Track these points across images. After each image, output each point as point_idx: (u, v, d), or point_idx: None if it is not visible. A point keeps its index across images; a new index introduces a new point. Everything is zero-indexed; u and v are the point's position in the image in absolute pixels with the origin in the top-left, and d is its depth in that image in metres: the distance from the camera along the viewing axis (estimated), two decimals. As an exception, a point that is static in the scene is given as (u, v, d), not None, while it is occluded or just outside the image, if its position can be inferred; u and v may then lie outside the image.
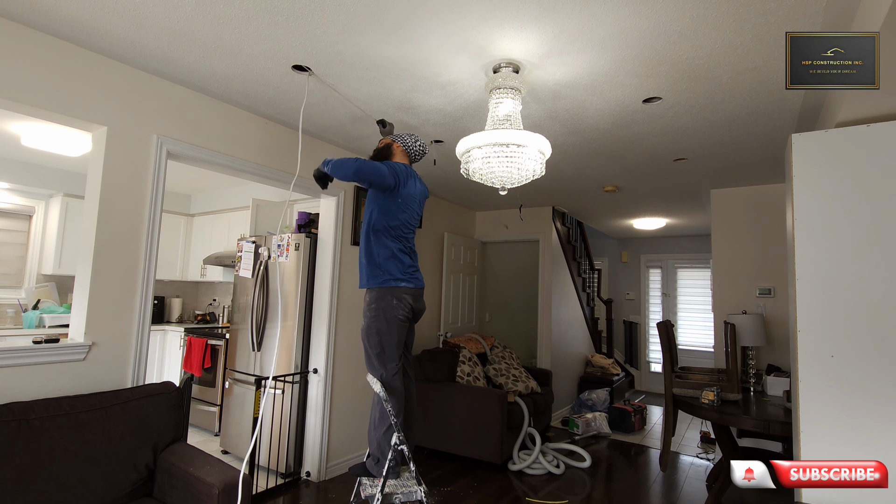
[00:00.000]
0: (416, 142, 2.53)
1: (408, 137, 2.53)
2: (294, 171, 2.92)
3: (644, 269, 7.84)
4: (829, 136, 1.79)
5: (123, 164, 2.39)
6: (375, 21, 1.95)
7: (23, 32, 2.07)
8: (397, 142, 2.52)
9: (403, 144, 2.51)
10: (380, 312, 2.27)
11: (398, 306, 2.28)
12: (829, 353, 1.71)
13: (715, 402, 2.89)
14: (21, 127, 3.41)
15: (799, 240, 1.79)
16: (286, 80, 2.51)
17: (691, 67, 2.22)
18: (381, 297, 2.29)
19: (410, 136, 2.54)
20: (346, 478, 3.46)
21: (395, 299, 2.28)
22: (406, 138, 2.53)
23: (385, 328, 2.26)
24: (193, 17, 1.98)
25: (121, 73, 2.39)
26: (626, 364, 7.49)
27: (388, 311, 2.27)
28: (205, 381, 4.48)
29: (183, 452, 2.18)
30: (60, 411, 1.96)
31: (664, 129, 3.02)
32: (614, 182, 4.42)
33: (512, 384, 4.29)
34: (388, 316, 2.27)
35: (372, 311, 2.30)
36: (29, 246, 4.66)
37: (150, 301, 2.48)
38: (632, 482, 3.79)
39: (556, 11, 1.83)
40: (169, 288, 5.56)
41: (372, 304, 2.31)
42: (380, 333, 2.27)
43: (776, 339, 3.92)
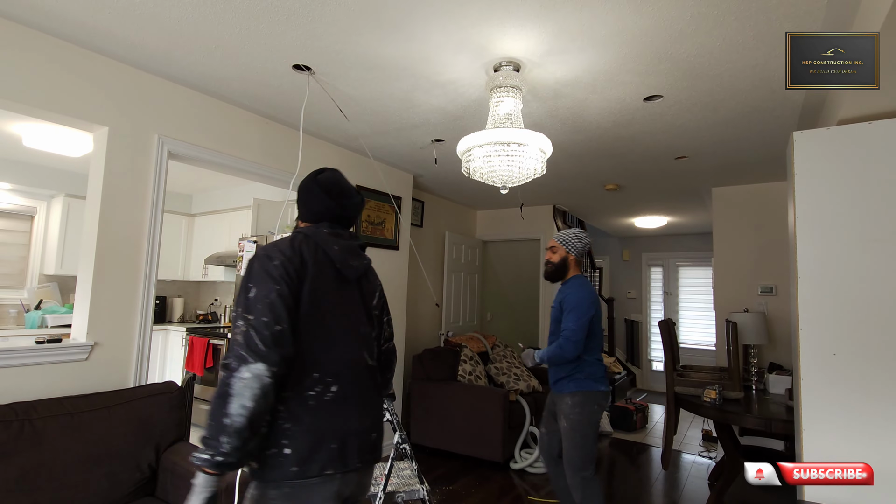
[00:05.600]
0: (581, 241, 2.60)
1: (576, 241, 2.58)
2: (294, 170, 2.92)
3: (645, 268, 7.83)
4: (830, 134, 1.79)
5: (125, 165, 2.40)
6: (376, 20, 1.95)
7: (24, 33, 2.07)
8: (572, 254, 2.58)
9: (576, 254, 2.59)
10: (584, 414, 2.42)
11: (598, 411, 2.46)
12: (831, 351, 1.71)
13: (717, 400, 2.88)
14: (23, 127, 3.42)
15: (801, 237, 1.78)
16: (287, 79, 2.51)
17: (692, 65, 2.22)
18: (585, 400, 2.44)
19: (578, 240, 2.59)
20: (348, 477, 3.46)
21: (596, 405, 2.46)
22: (575, 244, 2.58)
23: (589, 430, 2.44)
24: (194, 17, 1.98)
25: (122, 73, 2.39)
26: (627, 363, 7.49)
27: (592, 415, 2.43)
28: (207, 380, 4.49)
29: (186, 452, 2.18)
30: (63, 411, 1.96)
31: (665, 128, 3.01)
32: (615, 180, 4.41)
33: (513, 383, 4.29)
34: (592, 419, 2.44)
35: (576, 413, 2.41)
36: (31, 246, 4.67)
37: (152, 301, 2.49)
38: (634, 481, 3.79)
39: (556, 10, 1.83)
40: (171, 288, 5.57)
41: (576, 408, 2.42)
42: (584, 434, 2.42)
43: (778, 337, 3.91)
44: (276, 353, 1.16)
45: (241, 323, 1.18)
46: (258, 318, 1.17)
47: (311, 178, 1.48)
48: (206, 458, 1.11)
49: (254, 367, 1.13)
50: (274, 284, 1.22)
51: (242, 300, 1.21)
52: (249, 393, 1.11)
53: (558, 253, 2.59)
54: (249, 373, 1.12)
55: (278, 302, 1.20)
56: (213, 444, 1.11)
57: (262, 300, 1.19)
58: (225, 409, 1.11)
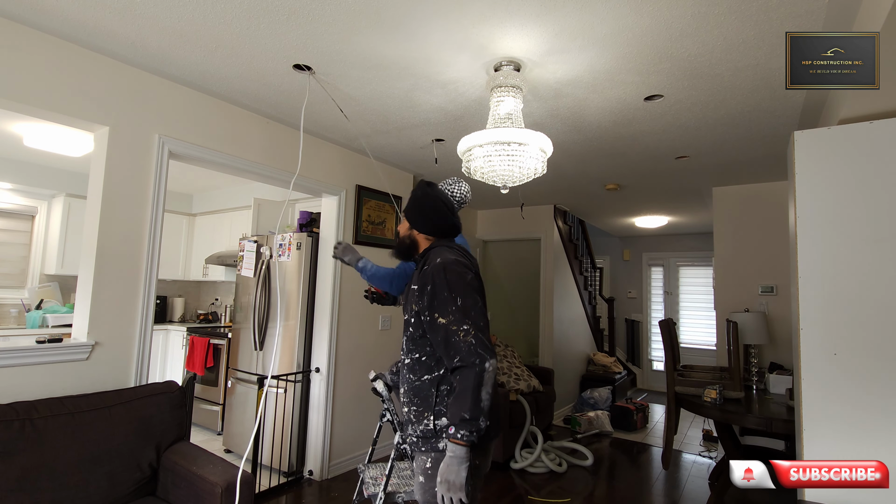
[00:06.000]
0: (456, 198, 2.25)
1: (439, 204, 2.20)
2: (295, 169, 2.92)
3: (646, 268, 7.83)
4: (831, 133, 1.79)
5: (125, 164, 2.40)
6: (376, 20, 1.95)
7: (24, 32, 2.08)
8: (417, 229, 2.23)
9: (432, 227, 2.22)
10: None
11: None
12: (831, 350, 1.70)
13: (717, 400, 2.88)
14: (23, 127, 3.42)
15: (801, 237, 1.78)
16: (287, 79, 2.51)
17: (693, 65, 2.22)
18: None
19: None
20: (349, 476, 3.47)
21: None
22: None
23: None
24: (194, 17, 1.98)
25: (122, 72, 2.39)
26: (628, 362, 7.49)
27: None
28: (207, 380, 4.49)
29: (186, 451, 2.18)
30: (64, 411, 1.96)
31: (666, 127, 3.01)
32: (616, 180, 4.41)
33: (514, 382, 4.29)
34: None
35: None
36: (32, 246, 4.68)
37: (153, 300, 2.49)
38: (634, 480, 3.79)
39: (557, 9, 1.83)
40: (171, 287, 5.57)
41: None
42: None
43: (779, 336, 3.91)
44: (493, 349, 1.49)
45: (467, 328, 1.46)
46: (476, 323, 1.48)
47: (430, 193, 1.72)
48: (470, 435, 1.40)
49: (490, 362, 1.45)
50: (476, 294, 1.55)
51: (453, 308, 1.49)
52: (491, 382, 1.45)
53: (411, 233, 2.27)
54: (490, 366, 1.44)
55: (483, 308, 1.57)
56: (475, 424, 1.40)
57: (473, 307, 1.51)
58: (479, 395, 1.41)
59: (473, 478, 1.48)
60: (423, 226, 1.71)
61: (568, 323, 5.74)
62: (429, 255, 1.66)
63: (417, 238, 1.73)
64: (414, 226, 1.72)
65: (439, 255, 1.60)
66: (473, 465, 1.46)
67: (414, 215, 1.72)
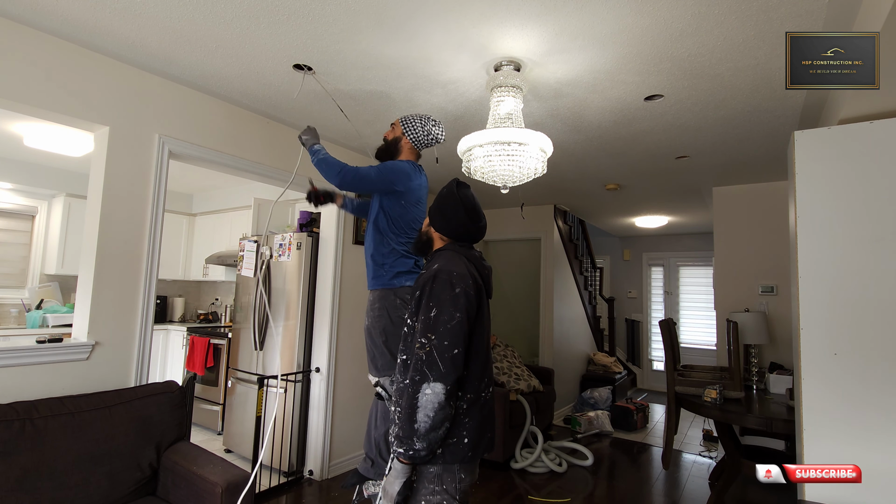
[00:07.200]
0: (428, 134, 2.23)
1: (419, 128, 2.22)
2: (295, 169, 2.91)
3: (646, 268, 7.83)
4: (831, 133, 1.79)
5: (126, 164, 2.40)
6: (376, 20, 1.95)
7: (24, 32, 2.08)
8: (406, 136, 2.23)
9: (413, 140, 2.23)
10: (384, 311, 2.19)
11: (402, 306, 2.19)
12: (832, 350, 1.71)
13: (717, 400, 2.88)
14: (23, 127, 3.42)
15: (801, 237, 1.78)
16: (287, 79, 2.51)
17: (693, 65, 2.22)
18: (384, 296, 2.24)
19: (422, 125, 2.22)
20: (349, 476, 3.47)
21: (398, 299, 2.19)
22: (417, 129, 2.22)
23: (391, 328, 2.17)
24: (194, 17, 1.98)
25: (122, 72, 2.39)
26: (628, 362, 7.49)
27: (392, 311, 2.18)
28: (207, 380, 4.49)
29: (186, 451, 2.18)
30: (64, 410, 1.96)
31: (666, 127, 3.01)
32: (616, 180, 4.41)
33: (514, 382, 4.29)
34: (392, 315, 2.18)
35: (375, 310, 2.25)
36: (32, 246, 4.68)
37: (153, 300, 2.49)
38: (634, 480, 3.79)
39: (557, 9, 1.83)
40: (171, 287, 5.57)
41: (375, 304, 2.23)
42: (385, 332, 2.19)
43: (779, 336, 3.91)
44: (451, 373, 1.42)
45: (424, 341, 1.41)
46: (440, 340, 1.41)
47: (455, 193, 1.63)
48: (405, 453, 1.36)
49: (433, 386, 1.38)
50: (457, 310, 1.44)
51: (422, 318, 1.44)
52: (433, 406, 1.35)
53: (395, 131, 2.28)
54: (432, 390, 1.37)
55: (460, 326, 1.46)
56: (408, 443, 1.35)
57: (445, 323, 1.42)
58: (413, 416, 1.35)
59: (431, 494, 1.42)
60: (440, 225, 1.65)
61: (568, 323, 5.74)
62: (435, 257, 1.62)
63: (433, 236, 1.68)
64: (432, 223, 1.67)
65: (442, 260, 1.56)
66: (410, 482, 1.41)
67: (433, 212, 1.66)
